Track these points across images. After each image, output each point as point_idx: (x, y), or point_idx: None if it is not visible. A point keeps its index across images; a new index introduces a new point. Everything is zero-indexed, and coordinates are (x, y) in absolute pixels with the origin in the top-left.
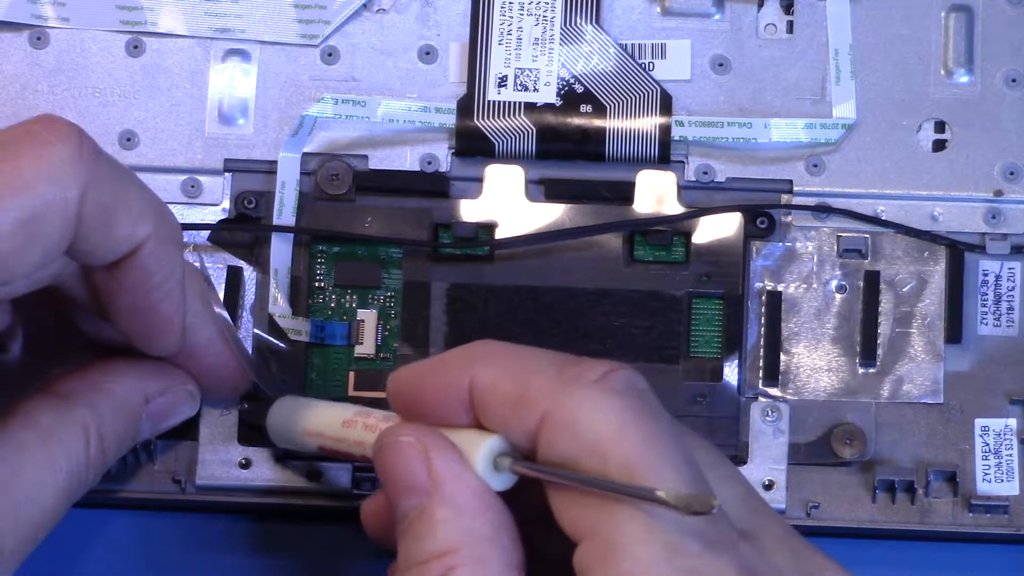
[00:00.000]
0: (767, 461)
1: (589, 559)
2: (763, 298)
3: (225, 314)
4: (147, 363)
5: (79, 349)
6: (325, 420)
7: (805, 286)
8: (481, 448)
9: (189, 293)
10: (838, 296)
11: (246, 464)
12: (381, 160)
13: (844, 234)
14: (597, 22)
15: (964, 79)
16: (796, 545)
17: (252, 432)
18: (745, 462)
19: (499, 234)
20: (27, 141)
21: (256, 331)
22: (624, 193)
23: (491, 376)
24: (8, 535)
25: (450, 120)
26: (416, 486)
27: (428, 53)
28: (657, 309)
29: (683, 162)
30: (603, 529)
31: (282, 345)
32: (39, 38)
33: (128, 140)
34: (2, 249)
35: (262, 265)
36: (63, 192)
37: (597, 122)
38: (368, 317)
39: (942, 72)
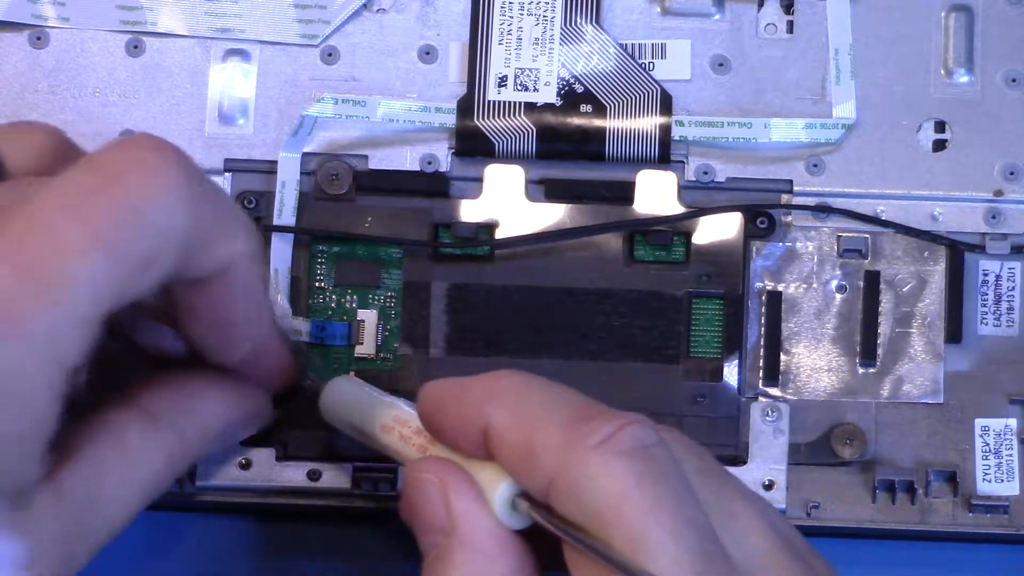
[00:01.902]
0: (767, 461)
1: None
2: (763, 298)
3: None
4: (233, 386)
5: (136, 363)
6: (367, 420)
7: (805, 286)
8: (499, 489)
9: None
10: (838, 296)
11: (246, 464)
12: (381, 160)
13: (844, 234)
14: (597, 22)
15: (964, 79)
16: None
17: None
18: (745, 462)
19: (499, 234)
20: (136, 169)
21: None
22: (624, 193)
23: (502, 422)
24: (82, 557)
25: (450, 120)
26: (435, 525)
27: (428, 53)
28: (657, 309)
29: (683, 162)
30: None
31: None
32: (39, 38)
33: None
34: (122, 281)
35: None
36: (178, 221)
37: (597, 122)
38: (368, 317)
39: (942, 72)
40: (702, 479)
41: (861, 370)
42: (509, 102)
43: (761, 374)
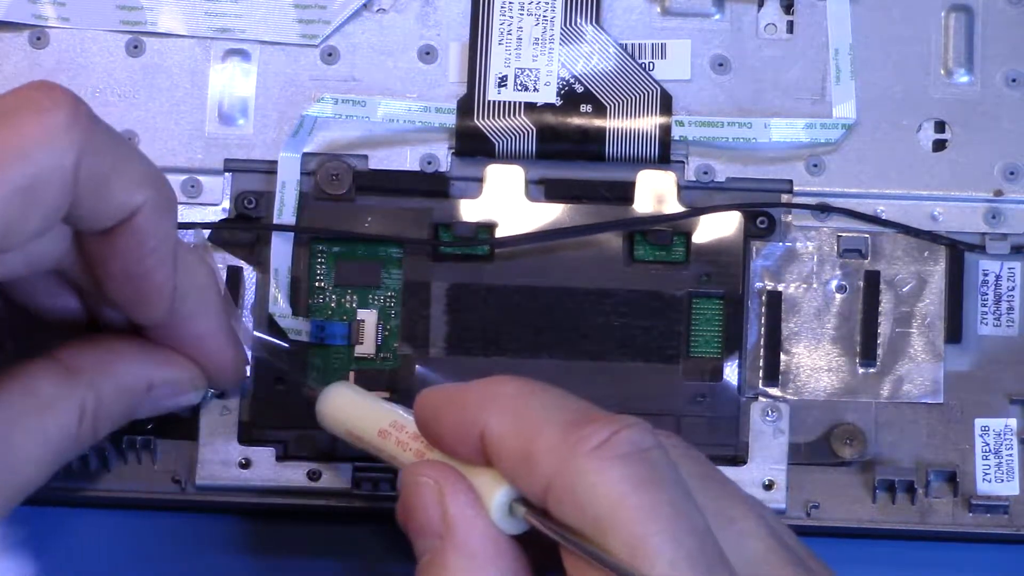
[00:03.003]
0: (767, 461)
1: None
2: (763, 298)
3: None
4: (158, 350)
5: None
6: (364, 425)
7: (805, 286)
8: (496, 493)
9: (191, 278)
10: (838, 296)
11: (246, 464)
12: (381, 160)
13: (844, 234)
14: (597, 22)
15: (964, 79)
16: None
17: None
18: (745, 462)
19: (499, 234)
20: (25, 107)
21: (256, 332)
22: (624, 193)
23: (500, 427)
24: None
25: (450, 120)
26: (431, 529)
27: (428, 53)
28: (657, 309)
29: (683, 162)
30: None
31: (284, 344)
32: (39, 38)
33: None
34: (5, 216)
35: (262, 265)
36: (61, 159)
37: (597, 122)
38: (368, 317)
39: (942, 72)
40: (700, 483)
41: (861, 370)
42: (509, 102)
43: (761, 374)
